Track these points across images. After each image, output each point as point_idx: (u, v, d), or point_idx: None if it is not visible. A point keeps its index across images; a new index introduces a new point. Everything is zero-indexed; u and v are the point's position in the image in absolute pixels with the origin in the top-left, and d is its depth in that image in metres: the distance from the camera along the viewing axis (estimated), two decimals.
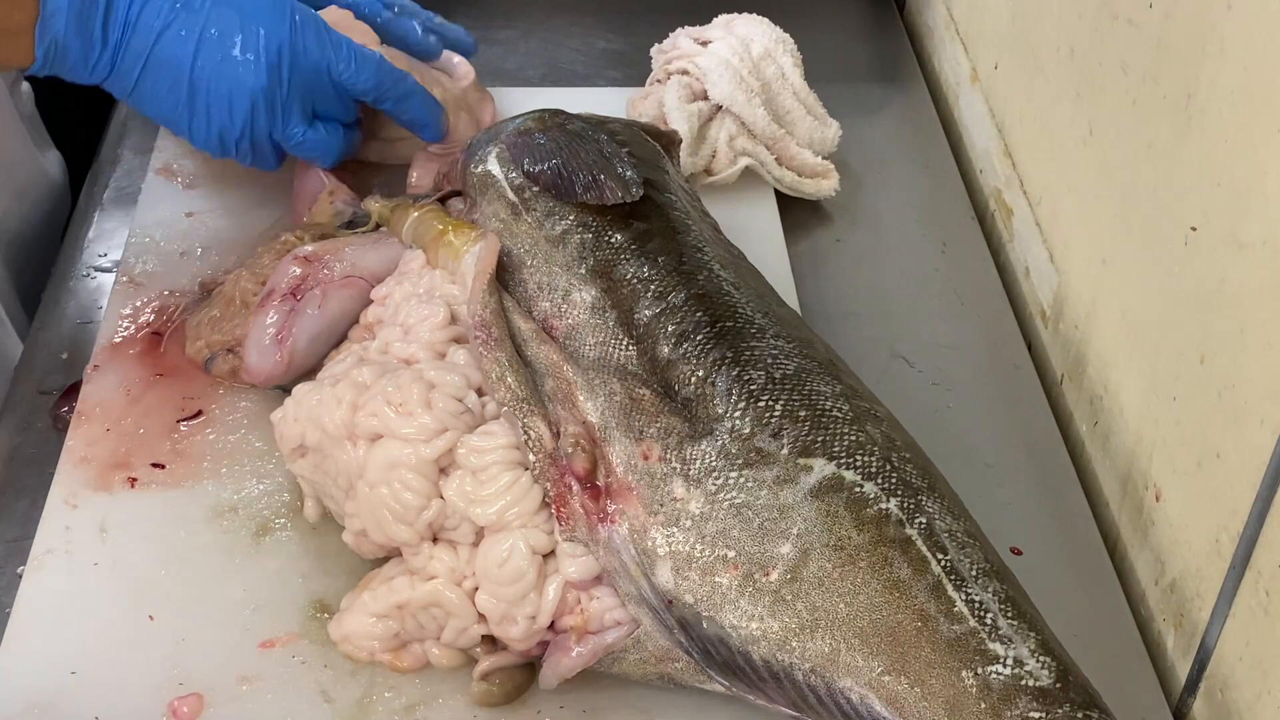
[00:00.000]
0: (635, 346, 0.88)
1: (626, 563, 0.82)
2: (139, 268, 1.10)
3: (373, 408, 0.86)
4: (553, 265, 0.94)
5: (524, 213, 0.97)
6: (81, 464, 0.95)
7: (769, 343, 0.88)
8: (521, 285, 0.94)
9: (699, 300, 0.90)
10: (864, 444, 0.83)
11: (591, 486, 0.83)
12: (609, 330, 0.89)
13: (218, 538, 0.92)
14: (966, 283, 1.21)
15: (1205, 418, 0.88)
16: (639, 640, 0.83)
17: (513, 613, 0.83)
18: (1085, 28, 1.09)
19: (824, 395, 0.86)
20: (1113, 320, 1.03)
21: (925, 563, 0.79)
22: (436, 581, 0.84)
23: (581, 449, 0.84)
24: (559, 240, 0.95)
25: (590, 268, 0.92)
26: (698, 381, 0.86)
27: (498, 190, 1.00)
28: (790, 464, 0.82)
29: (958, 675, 0.75)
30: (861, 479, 0.82)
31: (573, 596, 0.83)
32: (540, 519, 0.84)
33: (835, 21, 1.54)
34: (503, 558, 0.83)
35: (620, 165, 0.98)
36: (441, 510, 0.84)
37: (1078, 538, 1.00)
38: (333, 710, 0.83)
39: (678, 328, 0.88)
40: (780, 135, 1.22)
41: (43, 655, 0.85)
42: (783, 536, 0.80)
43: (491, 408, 0.87)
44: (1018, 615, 0.78)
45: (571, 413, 0.85)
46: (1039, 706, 0.74)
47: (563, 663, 0.83)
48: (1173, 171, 0.93)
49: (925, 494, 0.82)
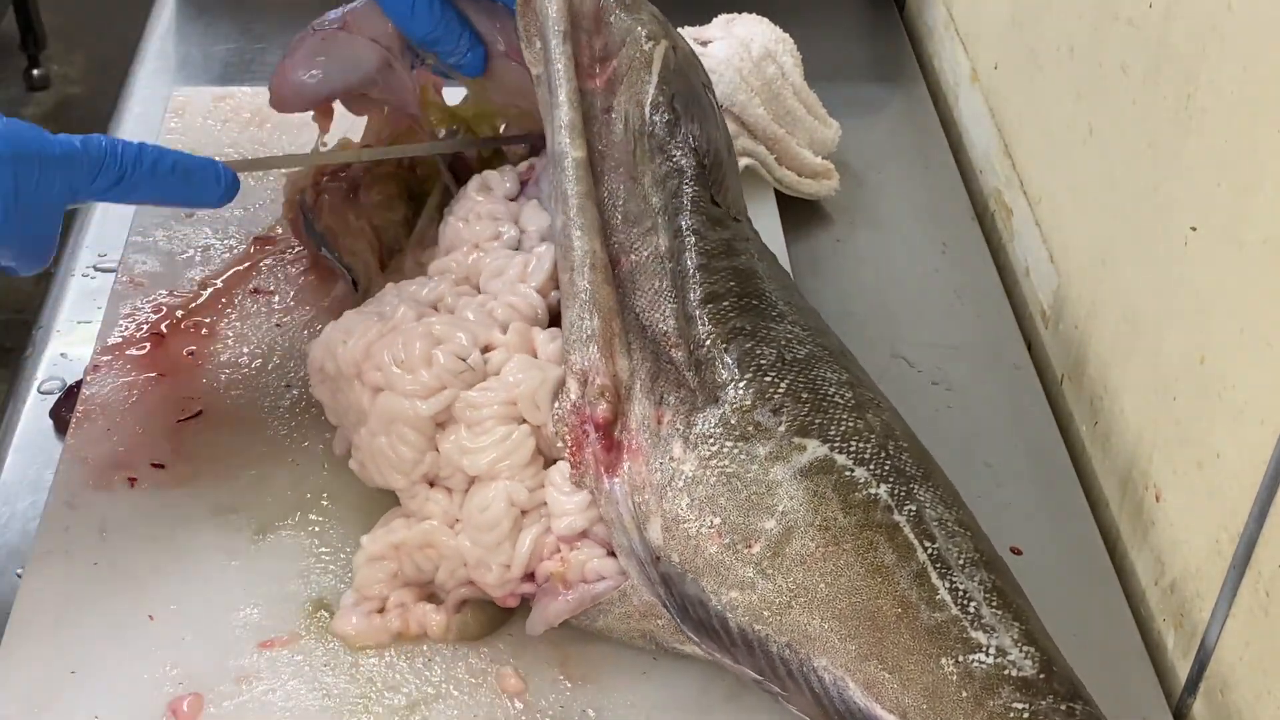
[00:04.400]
0: (677, 301, 0.90)
1: (623, 514, 0.84)
2: (139, 268, 1.10)
3: (378, 360, 0.89)
4: (645, 204, 0.94)
5: (649, 136, 0.95)
6: (81, 464, 0.95)
7: (786, 327, 0.89)
8: (612, 207, 0.94)
9: (734, 273, 0.92)
10: (861, 430, 0.84)
11: (607, 438, 0.85)
12: (666, 280, 0.91)
13: (218, 538, 0.92)
14: (966, 283, 1.21)
15: (1205, 418, 0.88)
16: (625, 594, 0.85)
17: (488, 559, 0.86)
18: (1085, 28, 1.09)
19: (829, 381, 0.86)
20: (1113, 320, 1.03)
21: (911, 549, 0.79)
22: (430, 522, 0.88)
23: (606, 400, 0.86)
24: (661, 181, 0.94)
25: (668, 215, 0.93)
26: (712, 344, 0.87)
27: (639, 90, 0.96)
28: (785, 442, 0.82)
29: (937, 662, 0.75)
30: (853, 464, 0.82)
31: (552, 543, 0.86)
32: (528, 473, 0.87)
33: (835, 21, 1.54)
34: (485, 504, 0.86)
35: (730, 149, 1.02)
36: (436, 461, 0.88)
37: (1078, 538, 1.00)
38: (333, 710, 0.83)
39: (710, 289, 0.90)
40: (780, 135, 1.22)
41: (43, 655, 0.85)
42: (768, 512, 0.81)
43: (493, 364, 0.89)
44: (1003, 605, 0.78)
45: (606, 363, 0.87)
46: (1022, 697, 0.74)
47: (550, 608, 0.86)
48: (1173, 171, 0.93)
49: (919, 482, 0.82)
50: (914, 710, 0.75)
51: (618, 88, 0.97)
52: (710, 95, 1.02)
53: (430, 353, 0.88)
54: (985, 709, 0.74)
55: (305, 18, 1.07)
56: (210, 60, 1.43)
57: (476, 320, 0.91)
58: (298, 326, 1.06)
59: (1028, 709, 0.74)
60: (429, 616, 0.87)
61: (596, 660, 0.87)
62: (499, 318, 0.91)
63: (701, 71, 1.03)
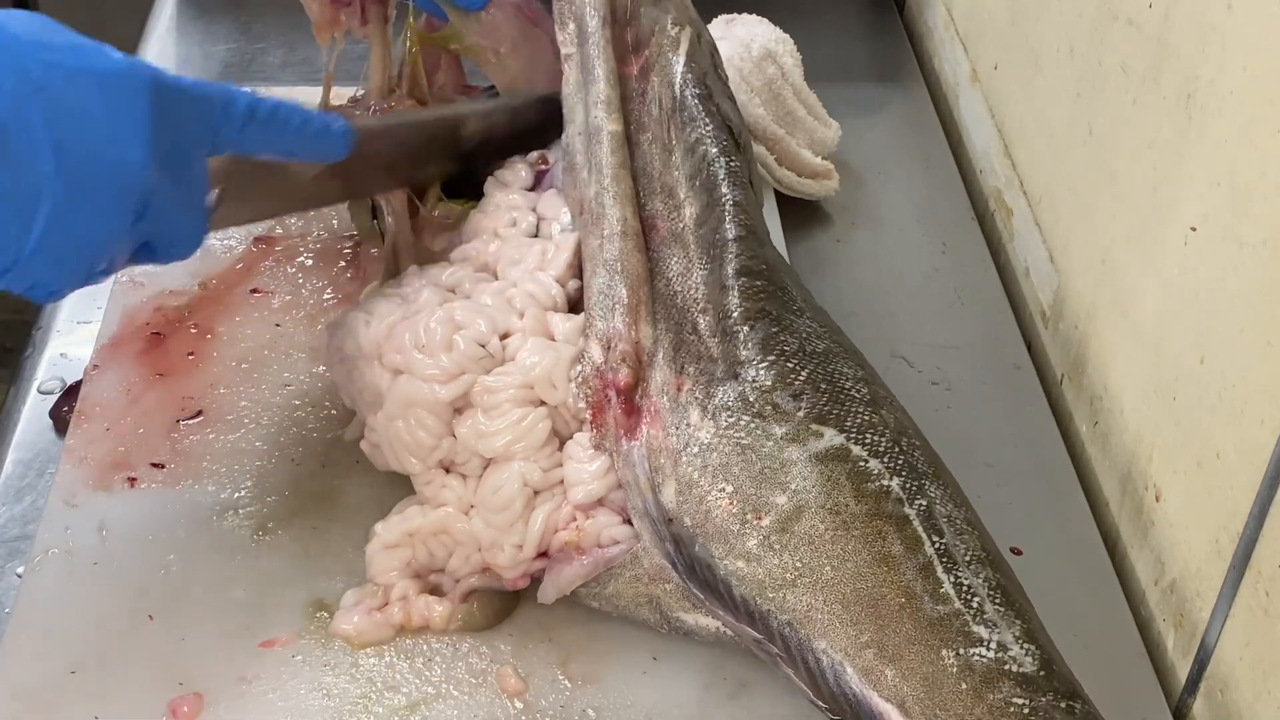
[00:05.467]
0: (708, 269, 0.90)
1: (639, 476, 0.85)
2: (139, 268, 1.10)
3: (398, 343, 0.89)
4: (679, 174, 0.96)
5: (681, 110, 0.97)
6: (81, 464, 0.95)
7: (806, 321, 0.90)
8: (648, 178, 0.96)
9: (765, 258, 0.93)
10: (876, 425, 0.85)
11: (628, 402, 0.87)
12: (700, 248, 0.92)
13: (218, 538, 0.92)
14: (966, 283, 1.21)
15: (1205, 418, 0.88)
16: (636, 556, 0.86)
17: (501, 540, 0.87)
18: (1085, 28, 1.09)
19: (846, 376, 0.87)
20: (1113, 320, 1.03)
21: (919, 542, 0.79)
22: (445, 509, 0.88)
23: (629, 365, 0.87)
24: (691, 149, 0.96)
25: (702, 182, 0.95)
26: (741, 317, 0.88)
27: (669, 69, 0.99)
28: (803, 426, 0.83)
29: (937, 654, 0.76)
30: (868, 455, 0.83)
31: (566, 515, 0.87)
32: (544, 454, 0.88)
33: (835, 21, 1.54)
34: (498, 485, 0.87)
35: None
36: (453, 446, 0.89)
37: (1078, 538, 1.00)
38: (333, 710, 0.83)
39: (745, 263, 0.91)
40: (780, 135, 1.22)
41: (43, 655, 0.85)
42: (780, 487, 0.81)
43: (511, 348, 0.90)
44: (1006, 603, 0.78)
45: (631, 330, 0.88)
46: (1022, 693, 0.74)
47: (563, 574, 0.87)
48: (1173, 171, 0.93)
49: (929, 479, 0.83)
50: (912, 699, 0.75)
51: (650, 73, 0.99)
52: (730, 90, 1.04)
53: (451, 338, 0.89)
54: (985, 702, 0.74)
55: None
56: (210, 60, 1.43)
57: (495, 306, 0.92)
58: (298, 326, 1.06)
59: (1027, 704, 0.74)
60: (431, 608, 0.87)
61: (597, 660, 0.87)
62: (517, 305, 0.92)
63: (722, 70, 1.05)
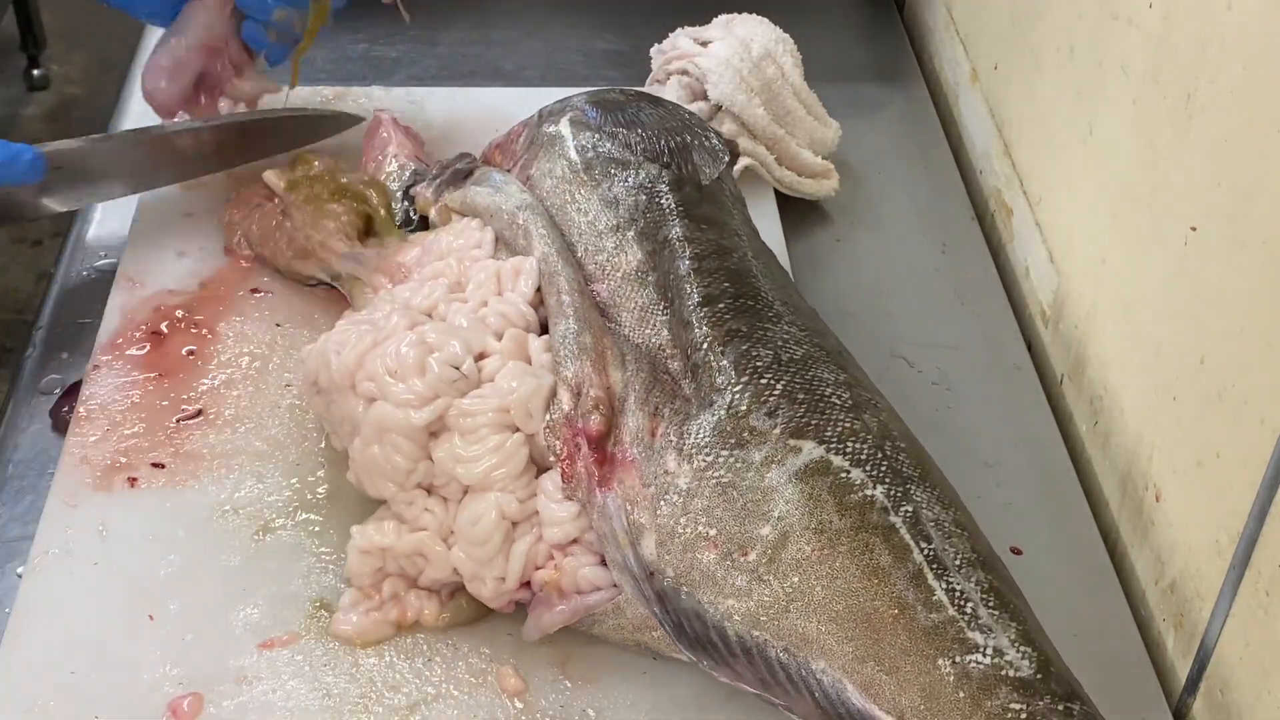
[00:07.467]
0: (669, 312, 0.90)
1: (616, 530, 0.84)
2: (139, 268, 1.10)
3: (370, 370, 0.88)
4: (603, 227, 0.96)
5: (583, 172, 1.00)
6: (81, 464, 0.95)
7: (783, 328, 0.89)
8: (571, 246, 0.97)
9: (728, 274, 0.92)
10: (858, 431, 0.84)
11: (600, 451, 0.85)
12: (649, 296, 0.92)
13: (218, 538, 0.92)
14: (966, 283, 1.21)
15: (1205, 418, 0.88)
16: (619, 607, 0.85)
17: (482, 573, 0.86)
18: (1085, 28, 1.09)
19: (826, 382, 0.86)
20: (1113, 320, 1.03)
21: (907, 550, 0.79)
22: (423, 534, 0.87)
23: (600, 413, 0.86)
24: (613, 202, 0.97)
25: (640, 230, 0.95)
26: (709, 347, 0.87)
27: (561, 149, 1.02)
28: (780, 444, 0.83)
29: (934, 663, 0.75)
30: (849, 465, 0.82)
31: (545, 550, 0.86)
32: (521, 484, 0.86)
33: (835, 21, 1.54)
34: (475, 518, 0.86)
35: (708, 137, 1.04)
36: (430, 470, 0.88)
37: (1078, 538, 1.00)
38: (333, 710, 0.83)
39: (704, 292, 0.90)
40: (780, 135, 1.22)
41: (43, 655, 0.85)
42: (764, 519, 0.81)
43: (488, 371, 0.89)
44: (1000, 605, 0.78)
45: (599, 376, 0.87)
46: (1020, 697, 0.74)
47: (545, 617, 0.86)
48: (1173, 171, 0.93)
49: (915, 483, 0.82)
50: (911, 711, 0.75)
51: (535, 160, 1.03)
52: (651, 110, 1.06)
53: (424, 361, 0.88)
54: (983, 709, 0.74)
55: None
56: None
57: (470, 327, 0.91)
58: (298, 326, 1.06)
59: (1025, 709, 0.74)
60: (423, 604, 0.88)
61: (597, 660, 0.87)
62: (492, 325, 0.91)
63: (626, 112, 1.06)
